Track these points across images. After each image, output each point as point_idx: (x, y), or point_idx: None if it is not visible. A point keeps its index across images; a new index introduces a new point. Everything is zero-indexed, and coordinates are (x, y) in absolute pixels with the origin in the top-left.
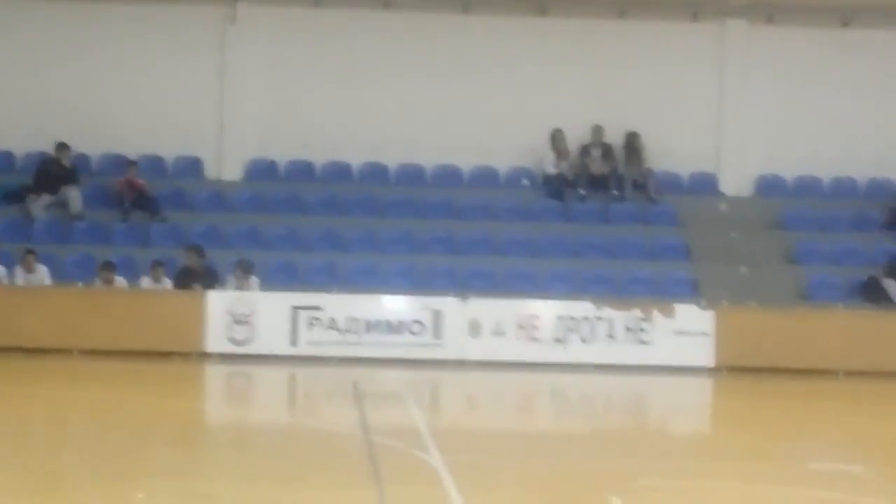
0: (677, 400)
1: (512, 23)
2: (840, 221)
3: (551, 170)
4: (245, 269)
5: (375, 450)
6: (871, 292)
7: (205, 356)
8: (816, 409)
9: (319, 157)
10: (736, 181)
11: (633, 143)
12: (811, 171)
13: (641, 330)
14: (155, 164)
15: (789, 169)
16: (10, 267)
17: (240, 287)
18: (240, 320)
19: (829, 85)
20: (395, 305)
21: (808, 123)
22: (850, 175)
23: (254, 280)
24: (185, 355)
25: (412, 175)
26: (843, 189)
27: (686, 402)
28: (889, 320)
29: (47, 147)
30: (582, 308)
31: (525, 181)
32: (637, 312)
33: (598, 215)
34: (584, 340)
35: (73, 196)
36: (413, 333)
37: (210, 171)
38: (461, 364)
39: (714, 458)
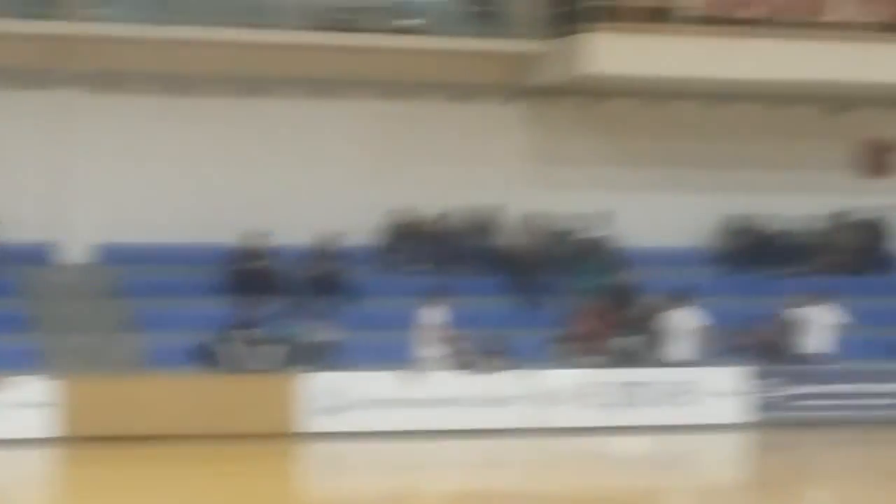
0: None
1: None
2: (179, 287)
3: None
4: None
5: None
6: (206, 356)
7: None
8: (164, 474)
9: None
10: (77, 250)
11: None
12: (151, 237)
13: None
14: None
15: (129, 236)
16: None
17: None
18: None
19: (164, 153)
20: None
21: (148, 191)
22: (186, 241)
23: None
24: None
25: None
26: (181, 255)
27: (26, 478)
28: (226, 383)
29: None
30: None
31: None
32: None
33: None
34: None
35: None
36: None
37: None
38: None
39: None
